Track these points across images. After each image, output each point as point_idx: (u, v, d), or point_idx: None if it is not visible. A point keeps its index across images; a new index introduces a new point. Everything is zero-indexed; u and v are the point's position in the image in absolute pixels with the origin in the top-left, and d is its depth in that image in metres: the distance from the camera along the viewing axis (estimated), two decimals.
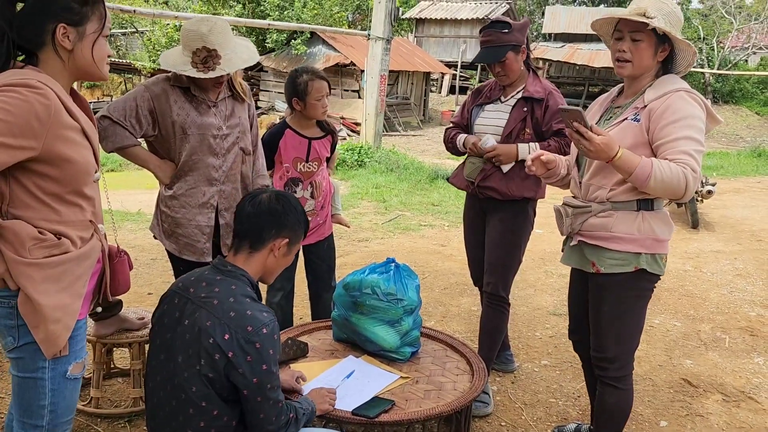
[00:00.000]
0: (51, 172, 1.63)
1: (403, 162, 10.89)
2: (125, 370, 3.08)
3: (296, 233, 1.97)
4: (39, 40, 1.65)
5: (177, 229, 2.72)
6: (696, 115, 2.11)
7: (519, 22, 2.95)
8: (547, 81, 3.05)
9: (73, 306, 1.71)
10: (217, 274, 1.88)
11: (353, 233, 6.45)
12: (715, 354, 3.93)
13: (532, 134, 2.96)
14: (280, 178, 3.15)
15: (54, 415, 1.74)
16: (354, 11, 26.03)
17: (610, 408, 2.43)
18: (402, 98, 20.48)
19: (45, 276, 1.64)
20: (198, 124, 2.62)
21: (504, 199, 2.98)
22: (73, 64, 1.70)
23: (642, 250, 2.22)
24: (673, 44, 2.19)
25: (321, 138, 3.19)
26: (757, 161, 14.57)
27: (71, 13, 1.65)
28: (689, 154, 2.05)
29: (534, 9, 29.35)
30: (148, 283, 4.71)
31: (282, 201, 1.94)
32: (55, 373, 1.71)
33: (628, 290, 2.29)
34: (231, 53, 2.56)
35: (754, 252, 6.49)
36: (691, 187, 2.04)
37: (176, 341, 1.80)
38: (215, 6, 18.54)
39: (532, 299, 4.76)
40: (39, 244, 1.63)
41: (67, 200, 1.69)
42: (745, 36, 26.09)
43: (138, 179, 9.93)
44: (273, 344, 1.77)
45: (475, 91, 3.25)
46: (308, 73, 3.04)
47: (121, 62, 21.17)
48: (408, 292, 2.56)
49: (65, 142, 1.62)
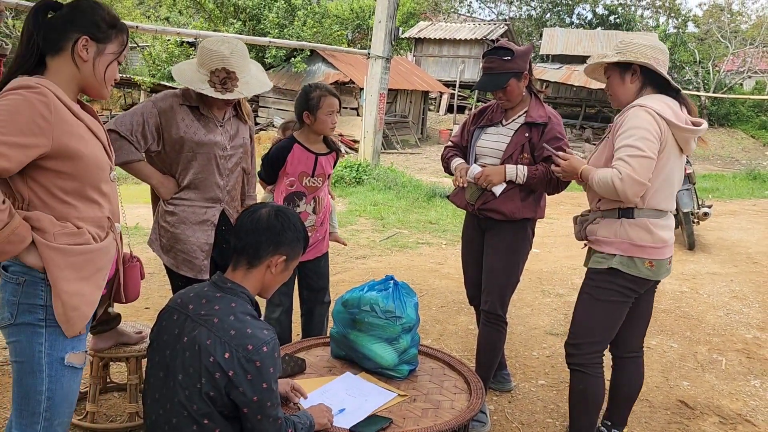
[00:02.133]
0: (64, 167, 1.68)
1: (401, 180, 10.92)
2: (122, 384, 3.06)
3: (294, 250, 1.97)
4: (58, 46, 1.73)
5: (176, 244, 2.73)
6: (640, 125, 2.37)
7: (522, 48, 2.96)
8: (549, 107, 3.08)
9: (92, 296, 1.77)
10: (217, 291, 1.88)
11: (351, 250, 6.45)
12: (712, 376, 3.93)
13: (530, 158, 2.98)
14: (281, 193, 3.17)
15: (51, 403, 1.75)
16: (354, 30, 26.26)
17: (581, 392, 2.70)
18: (400, 116, 20.59)
19: (68, 263, 1.70)
20: (205, 143, 2.65)
21: (504, 219, 3.00)
22: (84, 76, 1.77)
23: (617, 251, 2.53)
24: (639, 66, 2.51)
25: (327, 154, 3.24)
26: (753, 184, 14.65)
27: (98, 30, 1.76)
28: (621, 158, 2.36)
29: (532, 30, 29.69)
30: (145, 298, 4.69)
31: (281, 218, 1.93)
32: (52, 358, 1.73)
33: (601, 283, 2.59)
34: (248, 77, 2.62)
35: (750, 274, 6.51)
36: (619, 186, 2.34)
37: (176, 359, 1.79)
38: (216, 23, 18.69)
39: (529, 319, 4.76)
40: (62, 231, 1.69)
41: (86, 196, 1.75)
42: (740, 60, 26.39)
43: (136, 193, 9.92)
44: (273, 362, 1.77)
45: (477, 113, 3.26)
46: (321, 88, 3.10)
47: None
48: (407, 310, 2.57)
49: (72, 136, 1.68)
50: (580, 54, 22.75)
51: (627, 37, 2.66)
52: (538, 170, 2.93)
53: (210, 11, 18.96)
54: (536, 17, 29.96)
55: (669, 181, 2.51)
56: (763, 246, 7.96)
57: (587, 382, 2.67)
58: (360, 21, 25.36)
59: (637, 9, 29.87)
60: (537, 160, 2.99)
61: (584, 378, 2.67)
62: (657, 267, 2.54)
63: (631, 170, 2.33)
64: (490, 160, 3.05)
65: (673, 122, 2.40)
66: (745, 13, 29.23)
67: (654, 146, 2.37)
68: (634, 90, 2.55)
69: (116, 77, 1.86)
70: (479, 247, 3.19)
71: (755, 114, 25.37)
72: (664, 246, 2.55)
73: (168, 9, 20.98)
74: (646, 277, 2.54)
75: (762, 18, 27.76)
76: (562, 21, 29.32)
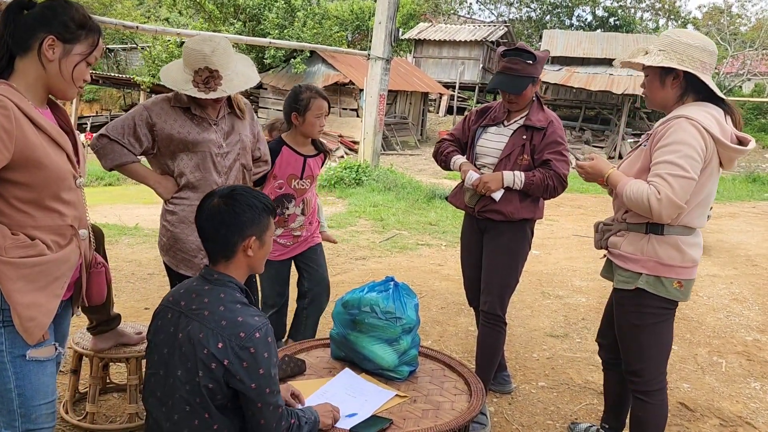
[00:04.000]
0: (22, 178, 1.67)
1: (400, 181, 10.92)
2: (121, 385, 3.05)
3: (261, 225, 1.89)
4: (26, 45, 1.72)
5: (175, 244, 2.73)
6: (685, 141, 2.17)
7: (542, 54, 2.93)
8: (549, 110, 3.08)
9: (49, 306, 1.77)
10: (205, 283, 1.88)
11: (351, 252, 6.45)
12: (712, 378, 3.92)
13: (530, 161, 2.98)
14: (270, 194, 3.16)
15: (23, 399, 1.76)
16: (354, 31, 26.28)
17: (639, 420, 2.54)
18: (400, 118, 20.61)
19: (20, 275, 1.69)
20: (200, 141, 2.64)
21: (503, 220, 3.00)
22: (50, 77, 1.76)
23: (642, 270, 2.36)
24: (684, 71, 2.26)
25: (315, 156, 3.24)
26: (752, 186, 14.68)
27: (65, 30, 1.74)
28: (661, 176, 2.18)
29: (532, 32, 29.72)
30: (145, 298, 4.69)
31: (231, 204, 1.86)
32: (14, 355, 1.74)
33: (632, 308, 2.43)
34: (232, 74, 2.59)
35: (749, 277, 6.51)
36: (655, 207, 2.18)
37: (174, 356, 1.80)
38: (216, 23, 18.69)
39: (529, 320, 4.76)
40: (14, 244, 1.68)
41: (45, 206, 1.74)
42: (739, 62, 26.41)
43: (136, 194, 9.93)
44: (268, 347, 1.77)
45: (481, 110, 3.23)
46: (311, 90, 3.09)
47: (120, 77, 21.25)
48: (407, 311, 2.56)
49: (34, 147, 1.67)
50: (580, 56, 22.78)
51: (671, 32, 2.34)
52: (536, 176, 2.93)
53: (210, 12, 18.96)
54: (536, 19, 30.01)
55: (707, 199, 2.34)
56: (762, 248, 7.97)
57: (647, 411, 2.51)
58: (360, 22, 25.37)
59: (637, 11, 29.92)
60: (536, 164, 2.99)
61: (643, 406, 2.51)
62: (686, 287, 2.39)
63: (671, 192, 2.15)
64: (490, 159, 3.05)
65: (720, 140, 2.20)
66: (744, 16, 29.30)
67: (698, 166, 2.18)
68: (674, 95, 2.33)
69: (86, 78, 1.83)
70: (478, 248, 3.19)
71: (754, 116, 25.40)
72: (694, 266, 2.40)
73: (168, 9, 20.99)
74: (674, 298, 2.39)
75: (761, 20, 27.81)
76: (562, 23, 29.36)
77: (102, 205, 8.79)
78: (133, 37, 25.51)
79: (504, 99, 3.04)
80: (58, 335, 1.93)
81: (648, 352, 2.47)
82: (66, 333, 2.06)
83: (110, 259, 5.03)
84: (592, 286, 5.72)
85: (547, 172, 2.94)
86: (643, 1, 29.45)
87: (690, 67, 2.25)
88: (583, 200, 11.83)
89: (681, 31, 2.34)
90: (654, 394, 2.50)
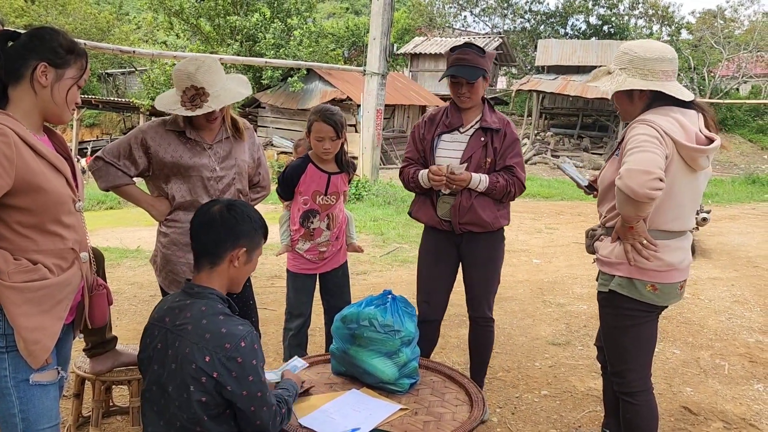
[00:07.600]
0: (24, 203, 1.71)
1: (400, 195, 10.95)
2: (124, 407, 3.07)
3: (253, 240, 1.96)
4: (19, 74, 1.76)
5: (167, 265, 2.77)
6: (638, 133, 2.24)
7: (489, 51, 3.03)
8: (500, 112, 3.12)
9: (53, 329, 1.80)
10: (187, 298, 1.91)
11: (351, 266, 6.44)
12: (715, 381, 3.92)
13: (493, 161, 3.02)
14: (298, 210, 3.24)
15: (27, 423, 1.78)
16: (350, 48, 26.46)
17: (629, 422, 2.56)
18: (398, 132, 20.69)
19: (25, 299, 1.72)
20: (191, 165, 2.67)
21: (482, 231, 3.04)
22: (44, 102, 1.80)
23: (616, 273, 2.41)
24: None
25: (339, 173, 3.27)
26: (752, 188, 14.68)
27: (55, 56, 1.79)
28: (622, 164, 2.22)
29: (527, 43, 29.85)
30: (147, 320, 4.70)
31: (234, 211, 1.93)
32: (17, 380, 1.76)
33: (610, 309, 2.50)
34: (220, 90, 2.60)
35: (750, 278, 6.51)
36: (622, 185, 2.13)
37: (164, 372, 1.84)
38: (213, 45, 18.85)
39: (531, 329, 4.76)
40: (17, 269, 1.71)
41: (47, 230, 1.77)
42: (735, 65, 26.50)
43: (137, 216, 9.95)
44: (254, 354, 1.80)
45: (429, 119, 3.18)
46: (317, 113, 3.13)
47: (120, 101, 21.40)
48: (405, 324, 2.58)
49: (34, 174, 1.71)
50: (575, 64, 22.88)
51: (629, 48, 2.38)
52: (499, 182, 2.98)
53: (207, 34, 19.13)
54: (530, 29, 30.13)
55: (676, 201, 2.32)
56: (763, 250, 7.97)
57: (633, 412, 2.53)
58: (356, 38, 25.59)
59: (631, 18, 30.06)
60: (497, 166, 3.03)
61: (630, 407, 2.53)
62: (662, 291, 2.37)
63: (629, 165, 2.15)
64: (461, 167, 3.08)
65: (677, 140, 2.23)
66: (737, 19, 29.32)
67: (653, 145, 2.17)
68: (642, 106, 2.39)
69: (77, 101, 1.88)
70: (453, 261, 3.19)
71: (752, 118, 25.45)
72: (671, 270, 2.36)
73: (165, 33, 21.17)
74: (649, 302, 2.38)
75: (754, 23, 27.91)
76: (556, 32, 29.50)
77: (104, 229, 8.83)
78: (131, 61, 25.72)
79: (456, 95, 3.02)
80: (61, 359, 1.96)
81: (627, 354, 2.50)
82: (68, 357, 2.09)
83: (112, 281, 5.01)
84: (593, 293, 5.70)
85: (511, 179, 3.00)
86: (637, 8, 29.60)
87: (652, 80, 2.31)
88: (583, 208, 11.85)
89: (637, 46, 2.37)
90: (638, 395, 2.52)
